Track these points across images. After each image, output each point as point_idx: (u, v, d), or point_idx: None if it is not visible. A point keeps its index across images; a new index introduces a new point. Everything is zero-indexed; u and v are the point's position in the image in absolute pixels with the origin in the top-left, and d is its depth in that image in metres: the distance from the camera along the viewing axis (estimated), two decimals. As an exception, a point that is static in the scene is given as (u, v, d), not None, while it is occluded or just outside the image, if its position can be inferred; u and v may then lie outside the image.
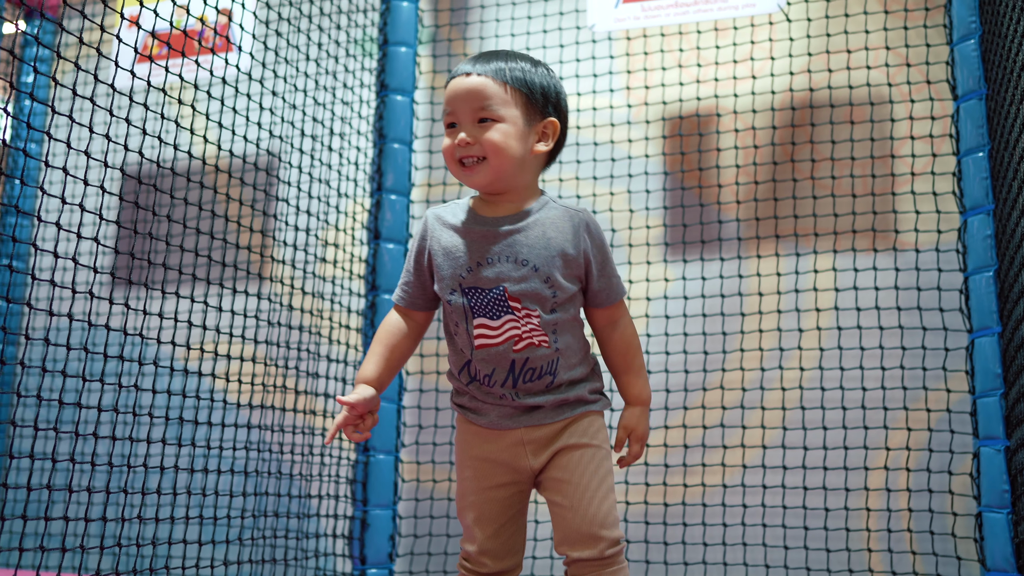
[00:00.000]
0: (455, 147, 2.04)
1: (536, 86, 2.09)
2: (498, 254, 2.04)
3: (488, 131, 2.01)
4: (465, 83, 2.04)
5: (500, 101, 2.03)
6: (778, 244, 3.99)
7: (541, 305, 2.02)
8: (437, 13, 4.73)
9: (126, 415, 3.91)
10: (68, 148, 2.54)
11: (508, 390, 2.04)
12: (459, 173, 2.06)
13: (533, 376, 2.04)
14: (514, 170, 2.06)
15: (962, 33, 3.48)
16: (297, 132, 4.45)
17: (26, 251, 4.95)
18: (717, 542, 3.77)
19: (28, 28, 5.10)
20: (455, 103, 2.04)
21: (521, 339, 2.02)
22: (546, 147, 2.12)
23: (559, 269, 2.04)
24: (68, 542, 4.23)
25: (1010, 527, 3.06)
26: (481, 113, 2.02)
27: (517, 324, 2.02)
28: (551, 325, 2.04)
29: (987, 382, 3.21)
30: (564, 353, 2.06)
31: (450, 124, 2.07)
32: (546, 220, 2.07)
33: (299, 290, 4.34)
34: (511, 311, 2.02)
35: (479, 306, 2.04)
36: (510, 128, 2.03)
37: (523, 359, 2.02)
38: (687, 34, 4.29)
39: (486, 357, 2.04)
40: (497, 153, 2.01)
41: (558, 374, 2.05)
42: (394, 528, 3.82)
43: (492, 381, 2.05)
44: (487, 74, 2.04)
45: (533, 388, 2.05)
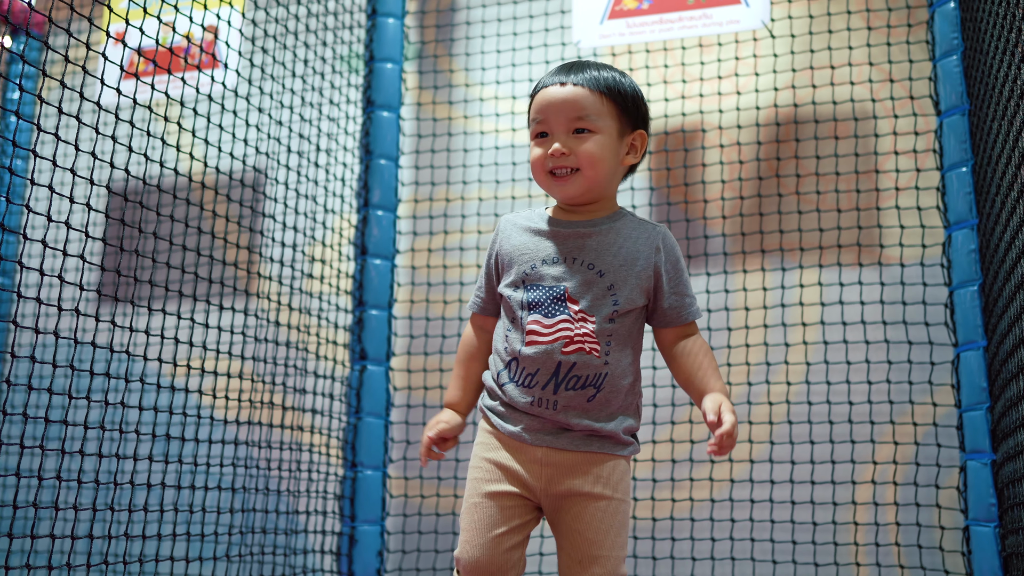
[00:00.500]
0: (547, 157, 2.00)
1: (628, 97, 2.07)
2: (566, 254, 2.02)
3: (584, 143, 1.99)
4: (561, 92, 2.01)
5: (596, 112, 2.00)
6: (764, 259, 4.01)
7: (599, 312, 1.98)
8: (423, 30, 4.75)
9: (113, 432, 3.89)
10: (54, 165, 2.53)
11: (548, 395, 1.98)
12: (549, 183, 2.04)
13: (577, 384, 1.97)
14: (605, 182, 2.04)
15: (944, 49, 3.51)
16: (283, 148, 4.44)
17: (12, 268, 4.93)
18: (705, 557, 3.77)
19: (13, 45, 5.09)
20: (548, 112, 2.01)
21: (572, 342, 1.97)
22: (635, 159, 2.10)
23: (625, 279, 2.00)
24: (55, 559, 4.20)
25: (997, 540, 3.07)
26: (577, 123, 1.99)
27: (571, 326, 1.98)
28: (606, 335, 1.99)
29: (973, 396, 3.23)
30: (614, 369, 2.00)
31: (540, 134, 2.03)
32: (621, 228, 2.04)
33: (286, 306, 4.34)
34: (567, 311, 1.98)
35: (537, 302, 2.01)
36: (606, 139, 2.01)
37: (570, 363, 1.97)
38: (672, 50, 4.31)
39: (534, 355, 1.98)
40: (592, 165, 1.99)
41: (603, 389, 1.99)
42: (382, 544, 3.81)
43: (534, 382, 1.99)
44: (583, 84, 2.01)
45: (573, 400, 1.98)
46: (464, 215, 4.45)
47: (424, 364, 4.29)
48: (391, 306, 3.99)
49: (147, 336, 3.07)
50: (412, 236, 4.46)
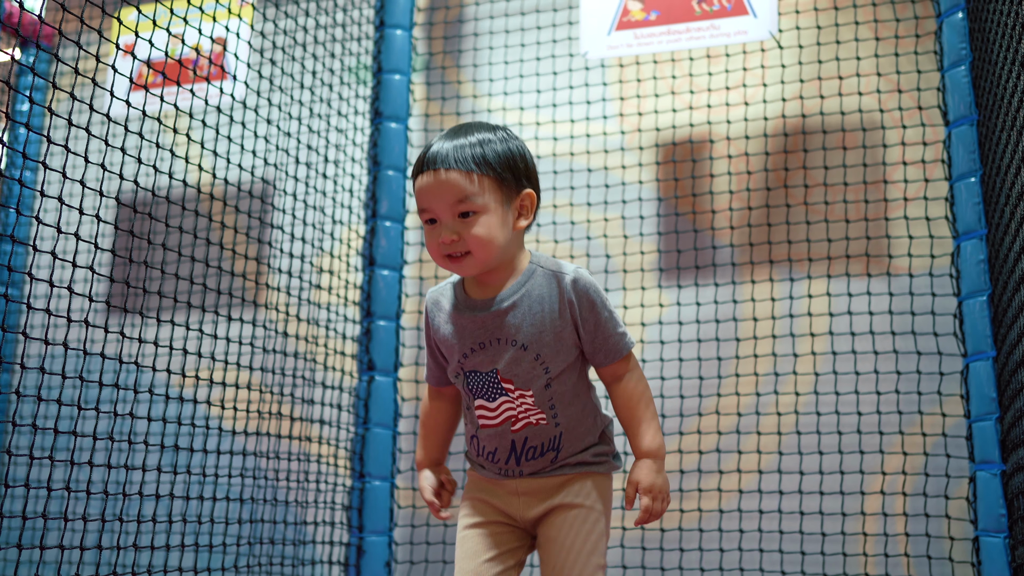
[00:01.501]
0: (440, 244, 1.98)
1: (504, 163, 2.01)
2: (488, 338, 2.03)
3: (472, 226, 1.96)
4: (436, 180, 1.96)
5: (473, 192, 1.96)
6: (772, 269, 4.00)
7: (534, 384, 2.01)
8: (431, 41, 4.76)
9: (121, 443, 3.89)
10: (63, 177, 2.54)
11: (512, 467, 2.05)
12: (447, 265, 2.02)
13: (535, 454, 2.03)
14: (500, 254, 2.01)
15: (953, 59, 3.51)
16: (291, 160, 4.45)
17: (21, 279, 4.94)
18: (714, 567, 3.76)
19: (23, 57, 5.11)
20: (430, 201, 1.98)
21: (517, 419, 2.02)
22: (527, 221, 2.06)
23: (549, 344, 2.01)
24: (64, 570, 4.21)
25: (1007, 551, 3.05)
26: (460, 207, 1.95)
27: (512, 405, 2.02)
28: (547, 402, 2.02)
29: (982, 406, 3.22)
30: (567, 428, 2.05)
31: (429, 220, 2.01)
32: (532, 293, 2.03)
33: (294, 317, 4.34)
34: (505, 392, 2.02)
35: (477, 388, 2.05)
36: (492, 218, 1.98)
37: (523, 438, 2.03)
38: (679, 61, 4.31)
39: (489, 436, 2.06)
40: (482, 247, 1.97)
41: (562, 448, 2.05)
42: (390, 555, 3.80)
43: (496, 458, 2.06)
44: (454, 166, 1.96)
45: (538, 465, 2.04)
46: (472, 226, 4.44)
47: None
48: (399, 317, 3.99)
49: (155, 347, 3.07)
50: (420, 247, 4.46)
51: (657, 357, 4.01)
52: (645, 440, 2.07)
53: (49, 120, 3.61)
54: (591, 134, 4.38)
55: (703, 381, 3.95)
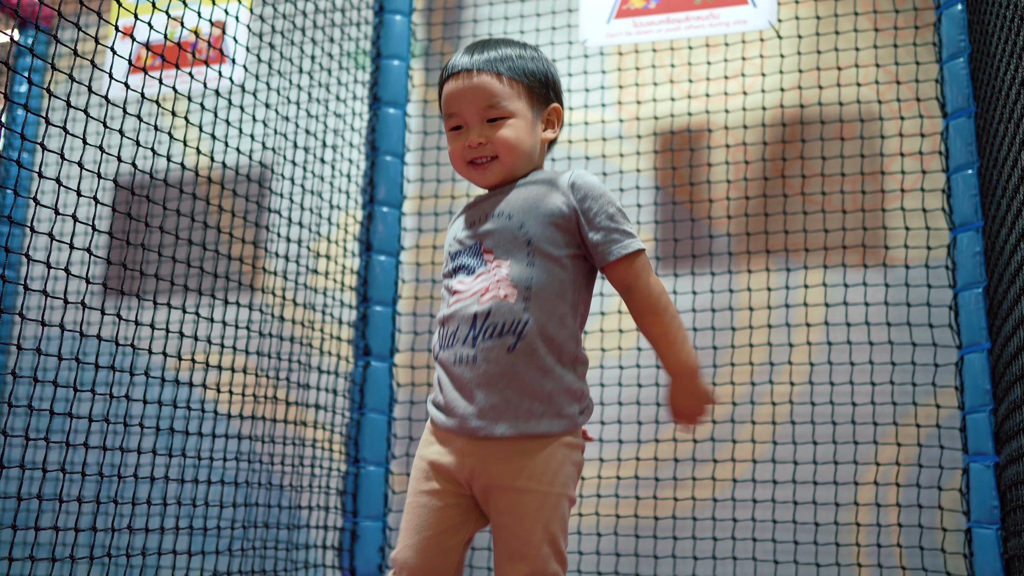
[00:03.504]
0: (465, 149, 1.97)
1: (535, 73, 2.02)
2: (483, 214, 1.98)
3: (499, 129, 1.96)
4: (465, 83, 1.97)
5: (505, 95, 1.96)
6: (768, 259, 4.01)
7: (514, 254, 1.90)
8: (430, 27, 4.75)
9: (116, 425, 3.90)
10: (61, 158, 2.54)
11: (467, 349, 1.88)
12: (469, 173, 2.01)
13: (493, 333, 1.86)
14: (525, 163, 2.01)
15: (951, 51, 3.50)
16: (289, 144, 4.45)
17: (17, 260, 4.94)
18: (707, 556, 3.77)
19: (21, 38, 5.10)
20: (459, 105, 1.98)
21: (487, 291, 1.89)
22: (554, 134, 2.07)
23: (536, 219, 1.91)
24: (57, 552, 4.21)
25: (999, 543, 3.07)
26: (490, 112, 1.96)
27: (487, 276, 1.91)
28: (525, 281, 1.88)
29: (976, 398, 3.23)
30: (537, 317, 1.87)
31: (454, 127, 2.00)
32: (532, 180, 2.00)
33: (290, 301, 4.34)
34: (484, 263, 1.93)
35: (459, 267, 1.97)
36: (521, 122, 1.98)
37: (485, 312, 1.88)
38: (678, 50, 4.31)
39: (454, 312, 1.93)
40: (510, 152, 1.96)
41: (524, 338, 1.86)
42: (384, 540, 3.81)
43: (455, 339, 1.91)
44: (487, 68, 1.97)
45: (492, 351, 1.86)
46: (469, 212, 4.45)
47: (428, 361, 4.30)
48: (395, 302, 3.99)
49: (152, 330, 3.07)
50: (417, 233, 4.47)
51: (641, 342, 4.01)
52: (672, 357, 1.90)
53: (47, 101, 3.60)
54: (589, 122, 4.37)
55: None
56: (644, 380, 3.97)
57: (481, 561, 4.05)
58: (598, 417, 3.97)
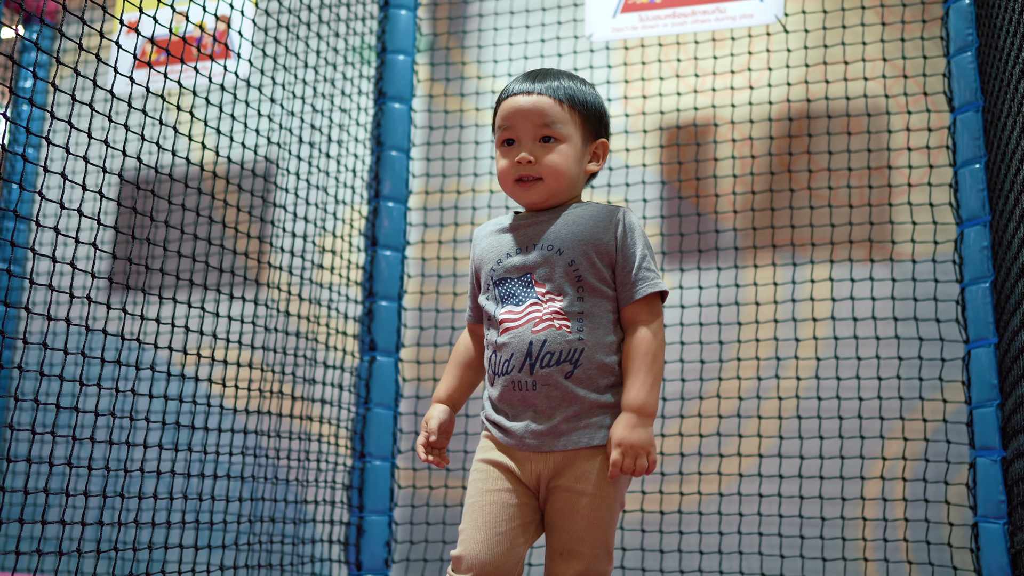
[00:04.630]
0: (514, 166, 2.03)
1: (591, 106, 2.10)
2: (527, 242, 2.04)
3: (550, 152, 2.02)
4: (527, 101, 2.04)
5: (561, 120, 2.03)
6: (775, 254, 4.00)
7: (566, 291, 1.98)
8: (435, 22, 4.74)
9: (122, 419, 3.90)
10: (66, 153, 2.54)
11: (525, 376, 1.96)
12: (514, 190, 2.06)
13: (551, 361, 1.96)
14: (568, 190, 2.07)
15: (959, 45, 3.49)
16: (295, 139, 4.45)
17: (23, 255, 4.95)
18: (713, 550, 3.77)
19: (27, 33, 5.10)
20: (515, 119, 2.04)
21: (542, 320, 1.98)
22: (597, 167, 2.13)
23: (585, 255, 1.99)
24: (64, 546, 4.22)
25: (1006, 537, 3.06)
26: (544, 131, 2.02)
27: (540, 307, 1.99)
28: (576, 314, 1.98)
29: (983, 393, 3.22)
30: (590, 345, 1.97)
31: (507, 141, 2.06)
32: (579, 211, 2.06)
33: (296, 296, 4.34)
34: (535, 295, 2.00)
35: (507, 295, 2.03)
36: (570, 149, 2.04)
37: (541, 341, 1.96)
38: (684, 44, 4.30)
39: (508, 341, 1.99)
40: (556, 176, 2.02)
41: (580, 365, 1.96)
42: (390, 534, 3.81)
43: (510, 366, 1.98)
44: (548, 93, 2.04)
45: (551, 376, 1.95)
46: (475, 207, 4.45)
47: (433, 356, 4.29)
48: (401, 297, 3.99)
49: (157, 324, 3.08)
50: (423, 228, 4.46)
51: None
52: (631, 393, 1.97)
53: (53, 96, 3.60)
54: (595, 116, 4.36)
55: (704, 365, 3.95)
56: (650, 375, 3.96)
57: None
58: (604, 412, 3.96)
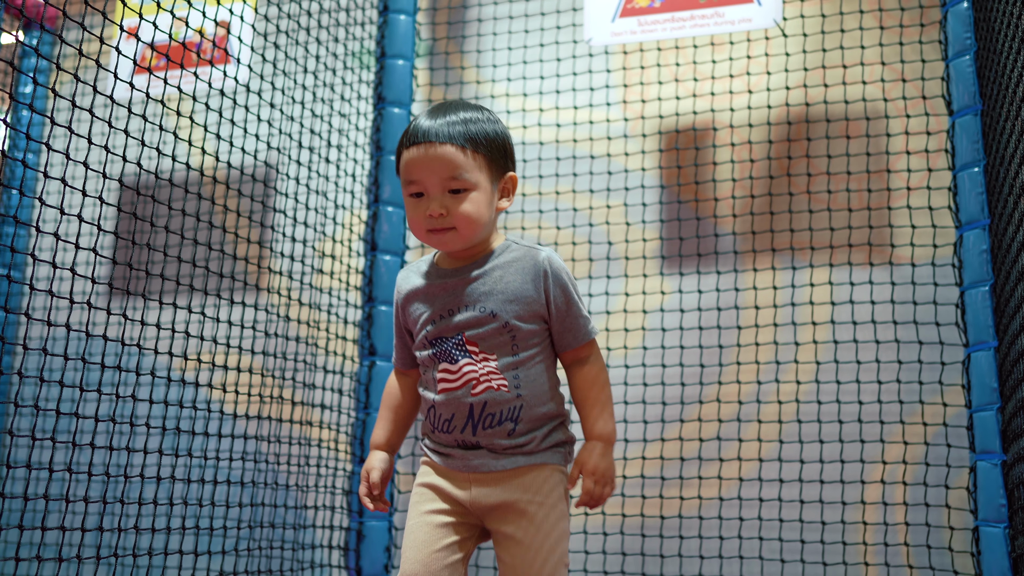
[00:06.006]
0: (427, 219, 1.98)
1: (495, 143, 2.04)
2: (458, 304, 2.02)
3: (461, 203, 1.97)
4: (429, 153, 1.97)
5: (467, 168, 1.98)
6: (774, 258, 4.00)
7: (499, 350, 1.99)
8: (435, 26, 4.75)
9: (122, 425, 3.90)
10: (66, 159, 2.54)
11: (468, 436, 2.00)
12: (429, 240, 2.02)
13: (492, 422, 1.98)
14: (481, 233, 2.03)
15: (957, 49, 3.49)
16: (294, 144, 4.45)
17: (23, 261, 4.95)
18: (714, 555, 3.77)
19: (26, 39, 5.10)
20: (420, 174, 1.98)
21: (479, 382, 1.98)
22: (508, 203, 2.10)
23: (517, 313, 2.00)
24: (64, 552, 4.22)
25: (1007, 541, 3.06)
26: (452, 184, 1.97)
27: (475, 368, 1.98)
28: (511, 368, 1.99)
29: (983, 396, 3.22)
30: (528, 400, 2.00)
31: (415, 194, 2.01)
32: (506, 264, 2.04)
33: (296, 301, 4.34)
34: (469, 355, 1.99)
35: (441, 353, 2.02)
36: (480, 196, 2.00)
37: (481, 403, 1.98)
38: (683, 48, 4.30)
39: (446, 401, 2.01)
40: (469, 224, 1.98)
41: (521, 421, 1.99)
42: (390, 539, 3.81)
43: (452, 427, 2.01)
44: (451, 141, 1.97)
45: (495, 436, 1.99)
46: (474, 212, 4.44)
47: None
48: (401, 302, 3.98)
49: (157, 330, 3.07)
50: (422, 232, 4.46)
51: (658, 344, 4.01)
52: (598, 424, 2.05)
53: (53, 102, 3.61)
54: (594, 121, 4.37)
55: (704, 369, 3.95)
56: (650, 379, 3.97)
57: (486, 561, 4.05)
58: (604, 416, 3.96)
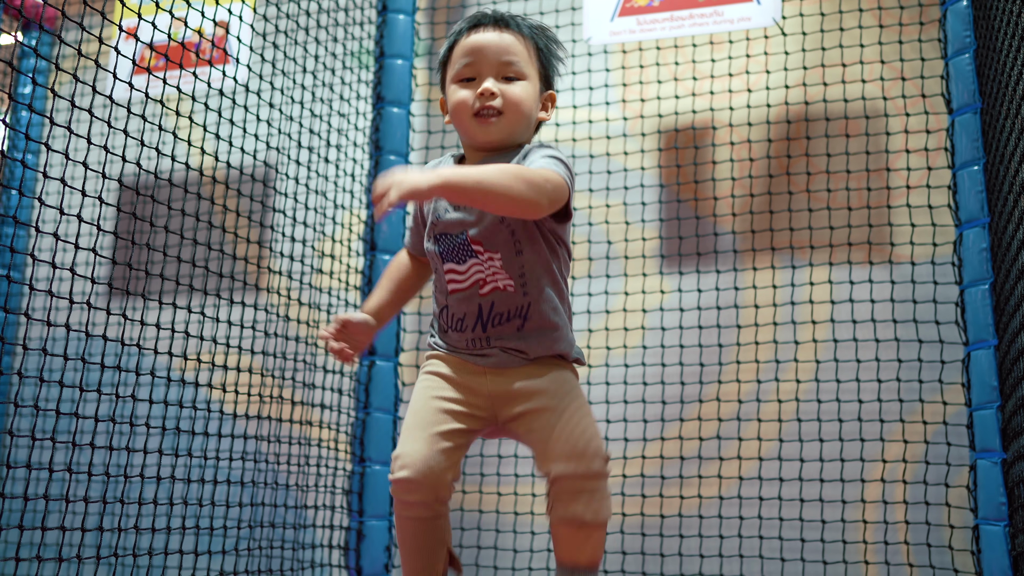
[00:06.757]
0: (476, 97, 1.97)
1: (550, 56, 2.08)
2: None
3: (513, 87, 1.98)
4: (494, 37, 2.00)
5: (525, 60, 2.01)
6: (774, 256, 4.00)
7: (503, 248, 1.97)
8: (433, 26, 4.74)
9: (122, 425, 3.90)
10: (65, 159, 2.54)
11: (479, 334, 2.00)
12: (471, 126, 2.00)
13: (501, 320, 1.99)
14: (523, 131, 2.03)
15: (957, 47, 3.49)
16: (294, 144, 4.45)
17: (23, 261, 4.94)
18: (714, 554, 3.77)
19: (26, 39, 5.10)
20: (480, 54, 1.99)
21: (486, 282, 1.99)
22: (546, 116, 2.11)
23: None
24: (64, 552, 4.22)
25: (1007, 540, 3.06)
26: (508, 70, 1.99)
27: (481, 268, 1.98)
28: (517, 269, 1.98)
29: (983, 394, 3.22)
30: (535, 300, 1.99)
31: (467, 78, 2.01)
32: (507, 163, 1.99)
33: (295, 301, 4.34)
34: (475, 255, 1.98)
35: (447, 251, 2.02)
36: (531, 88, 2.01)
37: (489, 303, 1.99)
38: (683, 47, 4.30)
39: (457, 301, 2.02)
40: (517, 110, 1.98)
41: (529, 319, 1.99)
42: (390, 539, 3.81)
43: (464, 325, 2.02)
44: (515, 30, 2.01)
45: (504, 331, 1.99)
46: (474, 211, 4.44)
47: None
48: (400, 302, 3.98)
49: (157, 330, 3.07)
50: (422, 232, 4.46)
51: (658, 344, 4.01)
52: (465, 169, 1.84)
53: (52, 102, 3.60)
54: (593, 120, 4.37)
55: (704, 368, 3.95)
56: (649, 378, 3.96)
57: (476, 561, 4.05)
58: (604, 415, 3.97)
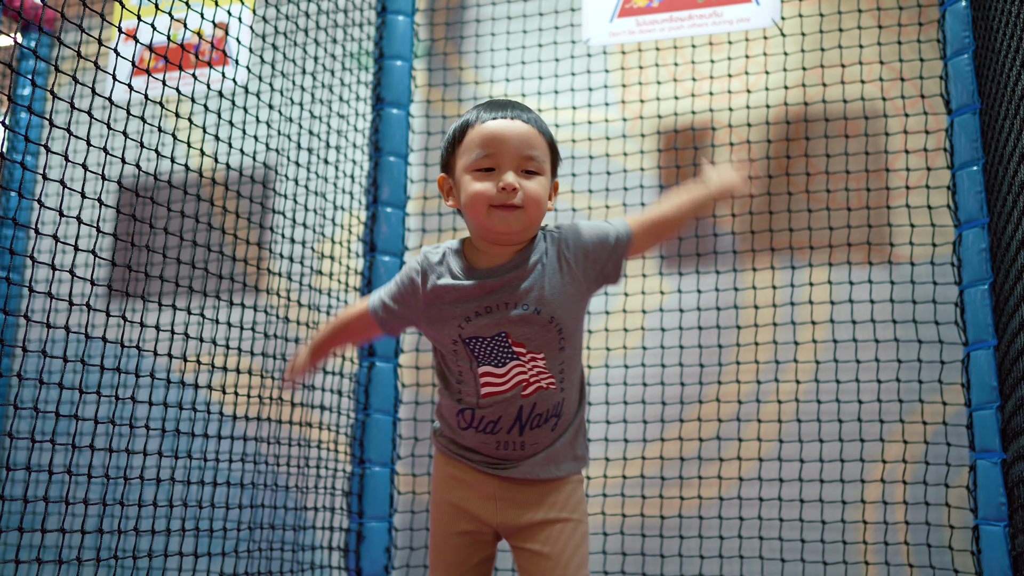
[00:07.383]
0: (497, 191, 1.88)
1: (555, 148, 2.04)
2: (495, 302, 1.93)
3: (532, 182, 1.91)
4: (515, 127, 1.92)
5: (543, 154, 1.95)
6: (773, 257, 4.00)
7: (547, 348, 1.94)
8: (433, 27, 4.74)
9: (121, 427, 3.90)
10: (65, 160, 2.54)
11: (514, 437, 1.98)
12: (489, 217, 1.90)
13: (540, 421, 1.97)
14: (536, 227, 1.98)
15: (956, 48, 3.50)
16: (293, 145, 4.45)
17: (22, 263, 4.94)
18: (714, 555, 3.77)
19: (25, 41, 5.10)
20: (502, 146, 1.91)
21: (529, 383, 1.95)
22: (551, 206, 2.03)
23: (563, 307, 1.94)
24: (64, 554, 4.22)
25: (1007, 540, 3.06)
26: (528, 164, 1.91)
27: (524, 369, 1.94)
28: (558, 365, 1.96)
29: (983, 395, 3.22)
30: (569, 393, 2.00)
31: (486, 168, 1.92)
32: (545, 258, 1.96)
33: (295, 302, 4.34)
34: (516, 356, 1.94)
35: (482, 354, 1.95)
36: (547, 183, 1.96)
37: (531, 404, 1.96)
38: (682, 48, 4.30)
39: (494, 404, 1.96)
40: (536, 206, 1.91)
41: (562, 415, 2.00)
42: (390, 540, 3.81)
43: (497, 428, 1.97)
44: (532, 124, 1.95)
45: (540, 435, 1.99)
46: (473, 212, 4.44)
47: (431, 361, 4.28)
48: (400, 303, 3.98)
49: (156, 332, 3.07)
50: (421, 233, 4.46)
51: (658, 344, 4.01)
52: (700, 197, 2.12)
53: (51, 104, 3.60)
54: (593, 121, 4.37)
55: (704, 369, 3.95)
56: (649, 379, 3.96)
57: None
58: (604, 416, 3.97)
